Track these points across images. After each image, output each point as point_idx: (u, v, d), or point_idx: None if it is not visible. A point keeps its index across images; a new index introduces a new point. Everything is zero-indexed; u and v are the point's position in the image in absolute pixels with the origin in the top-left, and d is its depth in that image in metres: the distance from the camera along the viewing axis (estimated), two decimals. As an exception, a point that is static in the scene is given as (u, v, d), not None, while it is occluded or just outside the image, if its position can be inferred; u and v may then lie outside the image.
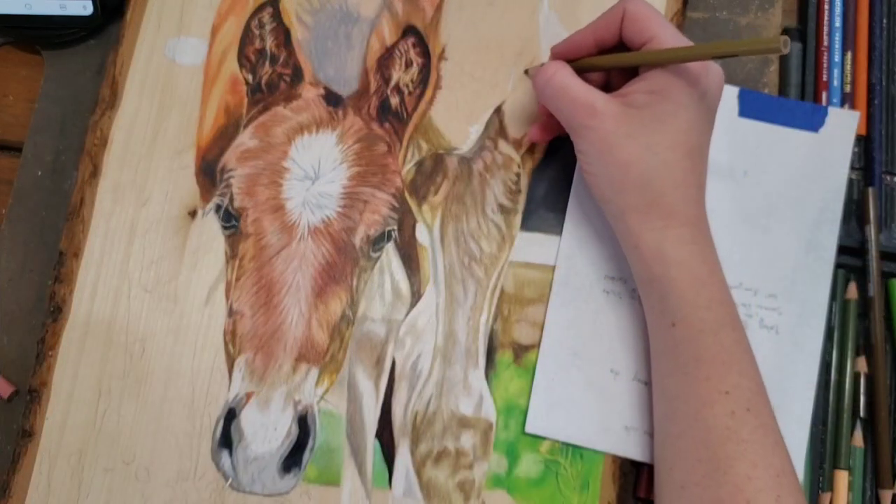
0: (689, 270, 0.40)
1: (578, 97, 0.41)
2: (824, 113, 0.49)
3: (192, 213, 0.47)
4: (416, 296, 0.47)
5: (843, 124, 0.49)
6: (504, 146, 0.49)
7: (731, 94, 0.49)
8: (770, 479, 0.37)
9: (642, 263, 0.41)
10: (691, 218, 0.40)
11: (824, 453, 0.48)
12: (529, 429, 0.45)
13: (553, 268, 0.47)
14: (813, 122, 0.49)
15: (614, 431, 0.45)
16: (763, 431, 0.38)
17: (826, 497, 0.47)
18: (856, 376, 0.48)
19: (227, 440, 0.44)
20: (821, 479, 0.47)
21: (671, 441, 0.40)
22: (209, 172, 0.47)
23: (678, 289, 0.40)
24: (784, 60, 0.53)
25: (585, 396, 0.45)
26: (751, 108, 0.49)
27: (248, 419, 0.43)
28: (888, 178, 0.51)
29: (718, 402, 0.38)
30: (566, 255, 0.47)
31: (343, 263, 0.46)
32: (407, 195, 0.48)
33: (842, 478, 0.47)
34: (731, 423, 0.38)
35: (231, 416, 0.44)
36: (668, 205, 0.40)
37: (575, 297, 0.47)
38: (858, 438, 0.48)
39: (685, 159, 0.40)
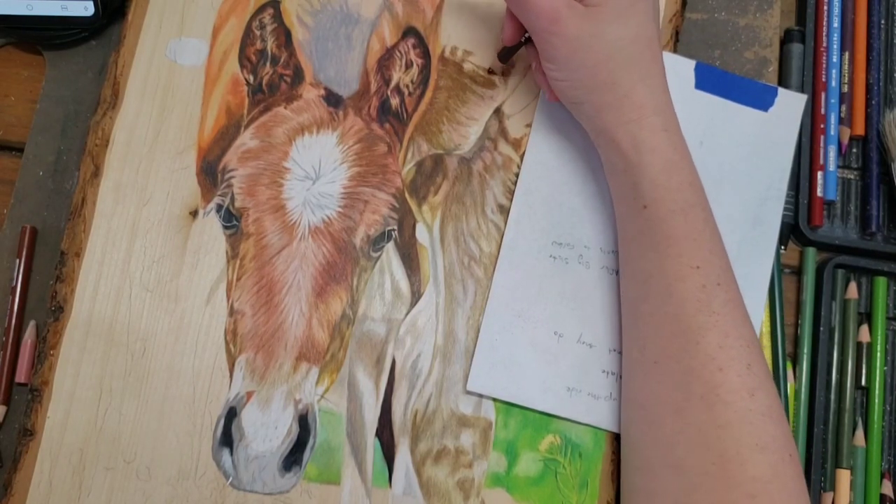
0: (661, 155, 0.41)
1: (543, 4, 0.42)
2: (774, 93, 0.50)
3: (194, 213, 0.47)
4: (416, 295, 0.47)
5: (792, 106, 0.50)
6: (504, 146, 0.49)
7: (688, 66, 0.50)
8: (741, 349, 0.39)
9: (619, 154, 0.42)
10: (660, 105, 0.42)
11: (826, 453, 0.48)
12: (471, 387, 0.45)
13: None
14: (763, 101, 0.50)
15: (555, 392, 0.45)
16: (733, 305, 0.40)
17: (828, 497, 0.47)
18: (856, 376, 0.48)
19: (227, 439, 0.44)
20: (822, 479, 0.47)
21: (644, 320, 0.42)
22: (210, 172, 0.48)
23: (651, 172, 0.41)
24: (783, 61, 0.53)
25: (528, 357, 0.46)
26: (707, 81, 0.50)
27: (249, 418, 0.43)
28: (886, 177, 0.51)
29: (690, 276, 0.40)
30: (515, 219, 0.48)
31: (343, 263, 0.46)
32: (407, 195, 0.48)
33: (844, 477, 0.47)
34: (702, 295, 0.39)
35: (232, 414, 0.44)
36: (639, 97, 0.42)
37: (522, 260, 0.47)
38: (860, 438, 0.48)
39: (647, 50, 0.42)
